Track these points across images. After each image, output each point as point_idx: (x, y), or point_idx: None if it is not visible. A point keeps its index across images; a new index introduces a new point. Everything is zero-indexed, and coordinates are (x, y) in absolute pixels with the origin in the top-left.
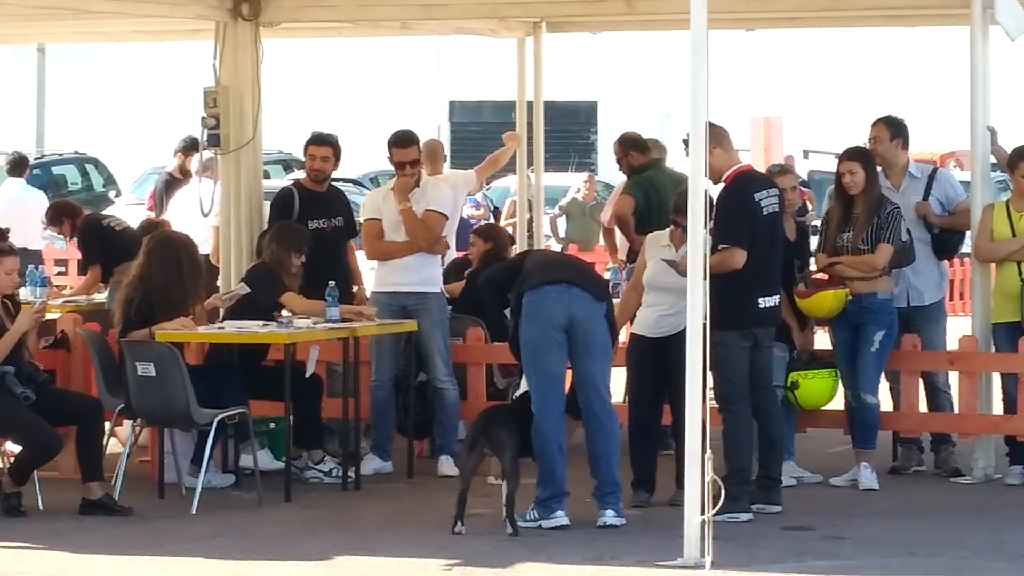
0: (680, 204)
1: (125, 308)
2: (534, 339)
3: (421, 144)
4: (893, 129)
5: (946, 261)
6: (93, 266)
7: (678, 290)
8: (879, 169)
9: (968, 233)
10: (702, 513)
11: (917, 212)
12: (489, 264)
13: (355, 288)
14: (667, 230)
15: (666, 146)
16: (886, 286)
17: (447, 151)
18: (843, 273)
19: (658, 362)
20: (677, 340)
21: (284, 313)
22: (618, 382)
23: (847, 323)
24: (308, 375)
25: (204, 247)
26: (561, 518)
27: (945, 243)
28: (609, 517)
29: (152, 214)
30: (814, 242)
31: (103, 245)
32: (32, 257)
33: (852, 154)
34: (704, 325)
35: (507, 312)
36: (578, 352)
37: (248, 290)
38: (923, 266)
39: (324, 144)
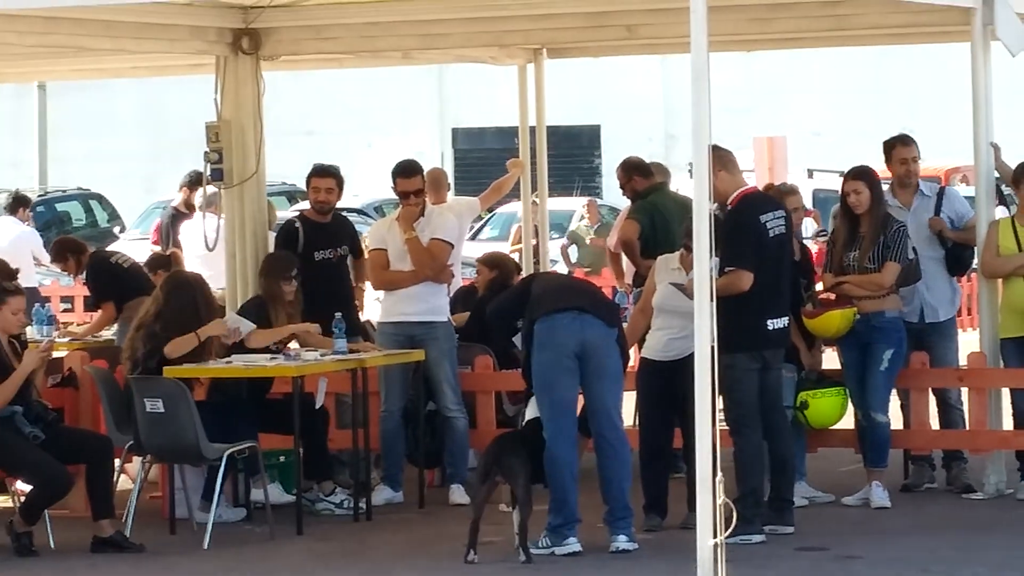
0: (691, 228)
1: (138, 347)
2: (546, 366)
3: (425, 173)
4: (918, 149)
5: (957, 277)
6: (106, 303)
7: (687, 313)
8: (887, 188)
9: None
10: (714, 536)
11: (932, 228)
12: (495, 292)
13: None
14: (677, 253)
15: (670, 169)
16: (894, 304)
17: (451, 178)
18: (850, 292)
19: (668, 385)
20: (687, 363)
21: (292, 346)
22: (628, 406)
23: (855, 342)
24: (318, 407)
25: (214, 282)
26: (573, 544)
27: (958, 258)
28: (622, 542)
29: (157, 248)
30: None
31: (113, 282)
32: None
33: (857, 173)
34: (712, 348)
35: (516, 340)
36: (589, 378)
37: (253, 325)
38: (936, 283)
39: (327, 176)
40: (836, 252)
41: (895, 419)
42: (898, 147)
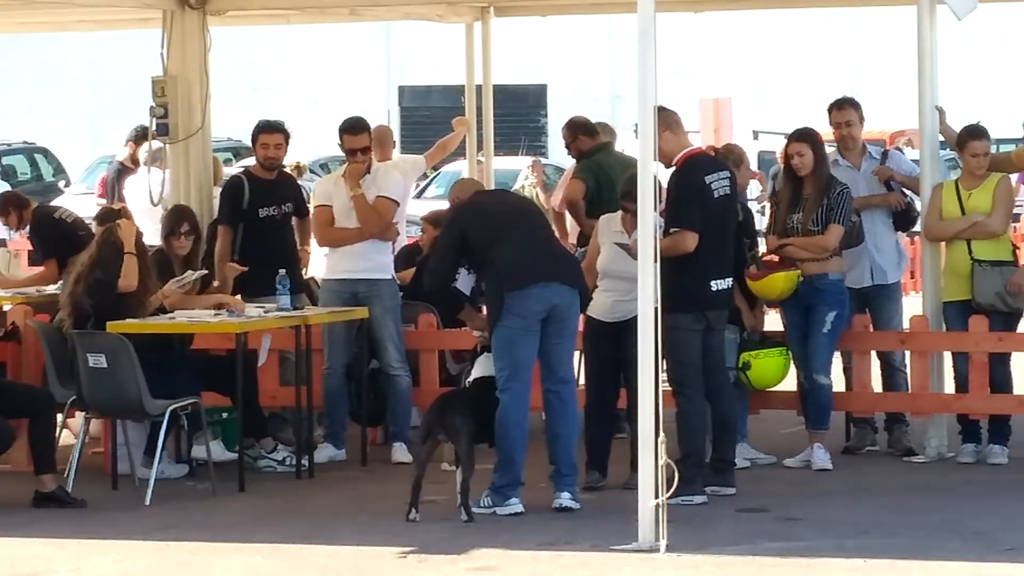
0: (627, 189)
1: (83, 301)
2: (513, 330)
3: (371, 130)
4: (860, 112)
5: (904, 240)
6: (49, 260)
7: (633, 276)
8: (834, 150)
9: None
10: (656, 497)
11: (880, 176)
12: None
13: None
14: (618, 214)
15: (616, 129)
16: (837, 267)
17: (397, 136)
18: (794, 255)
19: (614, 347)
20: (632, 325)
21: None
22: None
23: (798, 304)
24: (261, 363)
25: (159, 237)
26: (516, 505)
27: (905, 214)
28: (565, 499)
29: (103, 202)
30: (763, 222)
31: (57, 237)
32: None
33: (800, 135)
34: (656, 309)
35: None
36: (550, 338)
37: (205, 271)
38: (885, 244)
39: (275, 131)
40: (779, 214)
41: (837, 381)
42: (833, 111)
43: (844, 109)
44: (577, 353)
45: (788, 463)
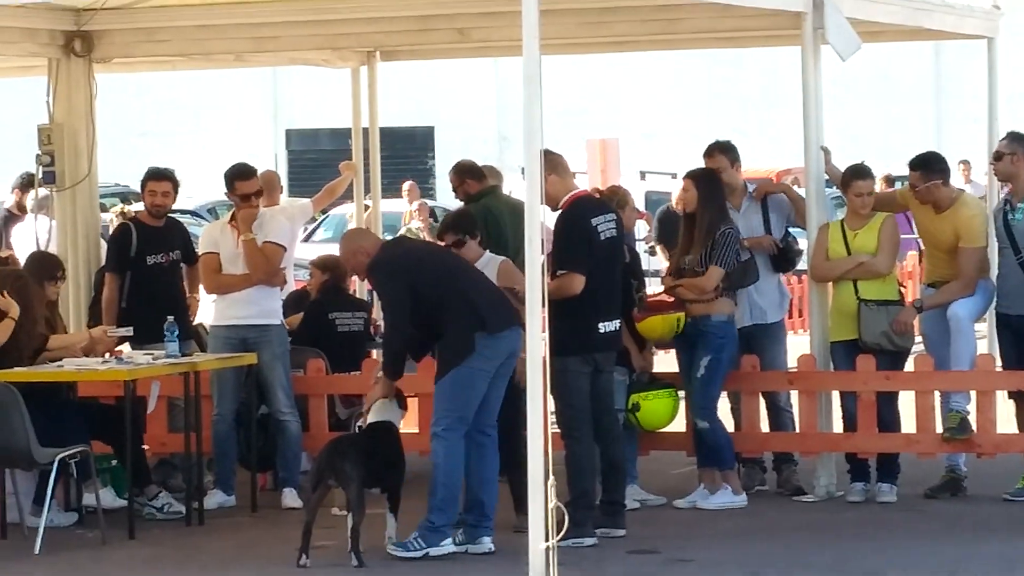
0: (447, 223)
1: None
2: (478, 372)
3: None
4: (730, 155)
5: (785, 281)
6: None
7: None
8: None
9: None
10: (546, 539)
11: (756, 194)
12: (328, 294)
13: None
14: None
15: (502, 172)
16: (721, 308)
17: (284, 179)
18: (682, 295)
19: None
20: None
21: (125, 349)
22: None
23: (687, 345)
24: (150, 411)
25: None
26: (449, 545)
27: (784, 255)
28: (486, 543)
29: None
30: (651, 263)
31: None
32: None
33: (688, 173)
34: (544, 351)
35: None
36: (497, 379)
37: (131, 333)
38: (765, 285)
39: (163, 179)
40: (675, 255)
41: (726, 421)
42: (705, 159)
43: (713, 156)
44: None
45: (678, 504)
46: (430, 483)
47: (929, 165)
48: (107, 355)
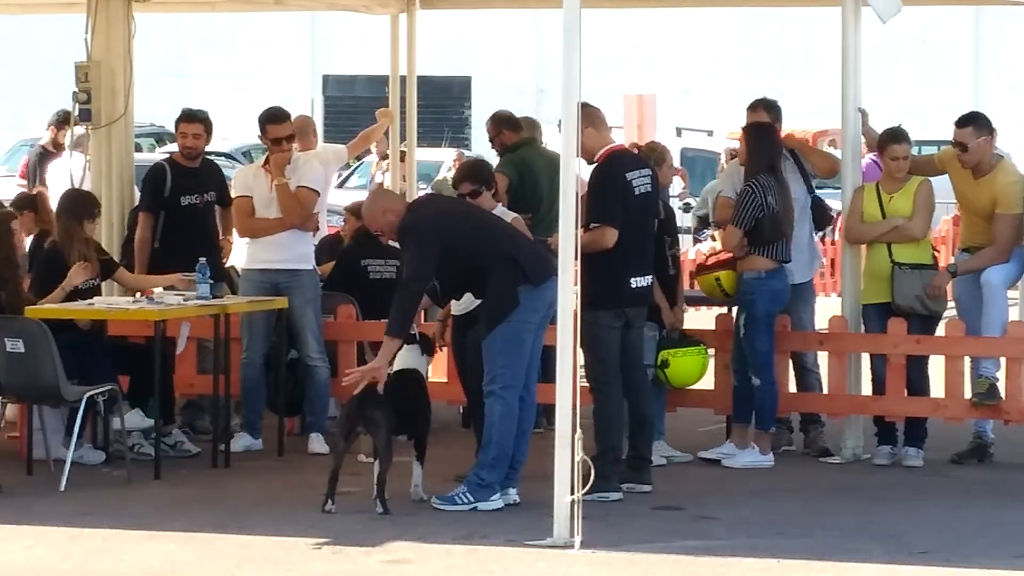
0: (464, 172)
1: None
2: (526, 327)
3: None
4: (773, 114)
5: (819, 243)
6: None
7: None
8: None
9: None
10: (572, 493)
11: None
12: (361, 241)
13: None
14: None
15: (540, 123)
16: (750, 264)
17: (320, 125)
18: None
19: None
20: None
21: (156, 289)
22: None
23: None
24: (179, 351)
25: None
26: (498, 501)
27: (822, 210)
28: (512, 495)
29: (24, 184)
30: (684, 220)
31: None
32: None
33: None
34: (575, 304)
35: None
36: (537, 332)
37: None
38: (796, 247)
39: (194, 121)
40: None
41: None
42: (748, 112)
43: (756, 111)
44: None
45: (703, 455)
46: (483, 439)
47: (980, 121)
48: (138, 295)
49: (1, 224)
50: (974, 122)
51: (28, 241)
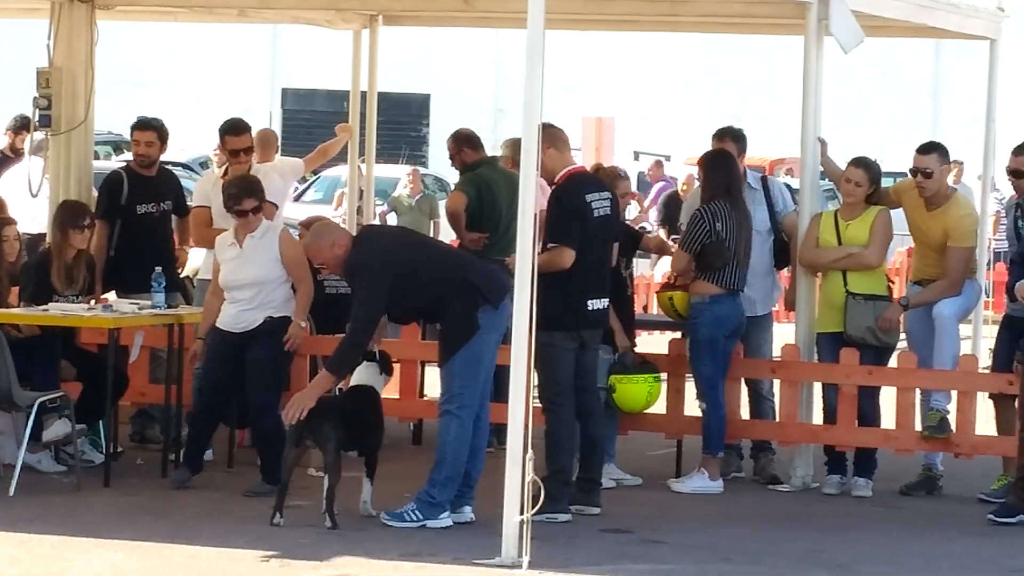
0: (234, 191)
1: None
2: (487, 347)
3: (255, 132)
4: (739, 145)
5: (781, 271)
6: None
7: (254, 284)
8: None
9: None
10: (521, 513)
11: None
12: None
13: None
14: (231, 231)
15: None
16: (695, 289)
17: (278, 138)
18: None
19: (235, 354)
20: (255, 335)
21: (110, 297)
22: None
23: None
24: (132, 360)
25: (34, 226)
26: (447, 519)
27: (783, 250)
28: (467, 513)
29: None
30: None
31: None
32: None
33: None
34: (531, 324)
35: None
36: None
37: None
38: (758, 280)
39: (148, 129)
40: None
41: None
42: (714, 140)
43: (723, 140)
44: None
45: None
46: (436, 457)
47: (942, 150)
48: (92, 302)
49: None
50: (938, 150)
51: None
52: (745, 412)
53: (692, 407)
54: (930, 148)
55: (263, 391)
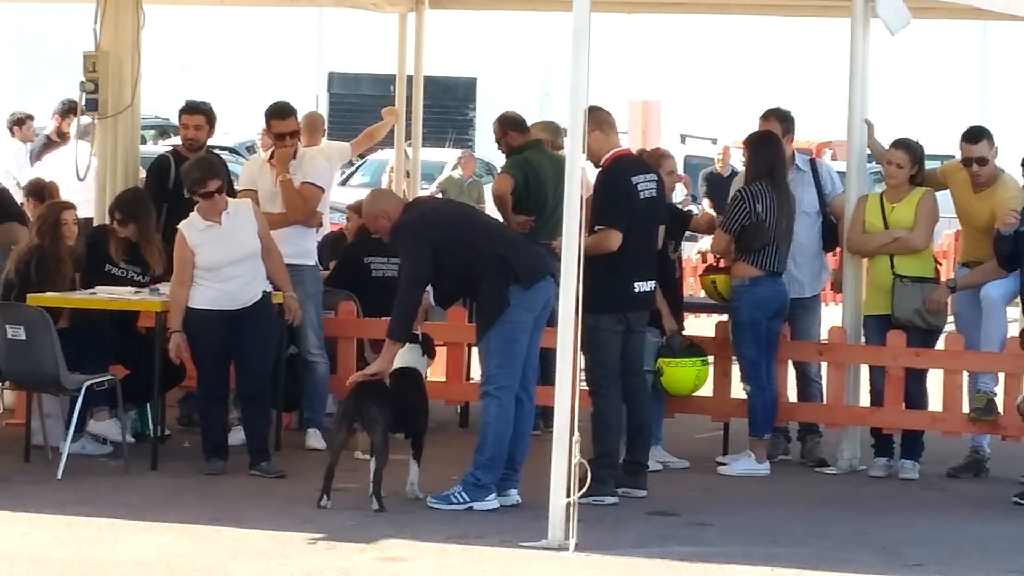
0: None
1: (17, 273)
2: (519, 326)
3: (299, 116)
4: (785, 125)
5: (829, 253)
6: None
7: (248, 257)
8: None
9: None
10: (568, 495)
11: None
12: (363, 238)
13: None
14: (192, 219)
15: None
16: (736, 272)
17: (325, 122)
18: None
19: (232, 332)
20: (254, 310)
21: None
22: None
23: None
24: None
25: (83, 210)
26: (493, 502)
27: (832, 231)
28: (513, 495)
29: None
30: None
31: None
32: None
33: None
34: (577, 307)
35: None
36: (533, 332)
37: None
38: (807, 261)
39: (197, 112)
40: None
41: None
42: (761, 121)
43: (768, 120)
44: None
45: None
46: (479, 440)
47: (989, 134)
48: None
49: (50, 215)
50: (986, 135)
51: None
52: (793, 395)
53: (738, 390)
54: (979, 135)
55: (265, 365)
